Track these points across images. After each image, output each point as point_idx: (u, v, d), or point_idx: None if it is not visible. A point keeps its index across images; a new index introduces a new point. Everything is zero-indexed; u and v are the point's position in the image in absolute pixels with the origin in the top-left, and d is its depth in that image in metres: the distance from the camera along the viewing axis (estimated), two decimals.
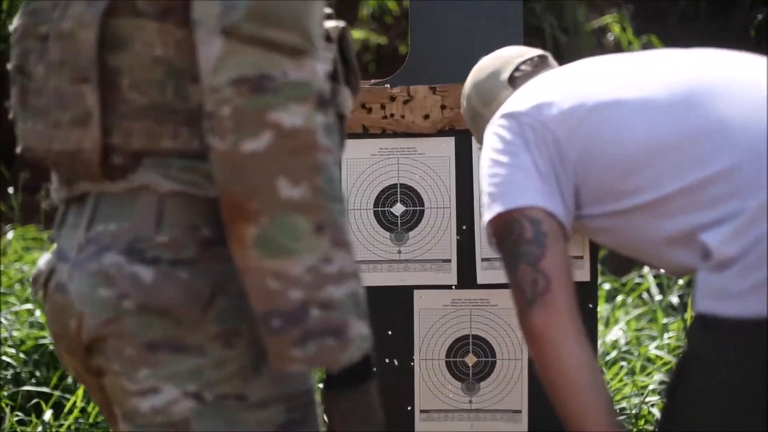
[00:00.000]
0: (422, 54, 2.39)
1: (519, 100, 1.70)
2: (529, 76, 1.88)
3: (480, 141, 1.93)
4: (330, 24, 1.43)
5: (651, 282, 4.19)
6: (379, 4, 6.53)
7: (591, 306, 2.31)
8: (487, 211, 1.65)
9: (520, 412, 2.37)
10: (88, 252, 1.27)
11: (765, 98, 1.48)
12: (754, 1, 6.41)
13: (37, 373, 3.24)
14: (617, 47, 6.20)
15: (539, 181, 1.61)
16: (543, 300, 1.56)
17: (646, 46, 6.08)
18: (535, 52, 1.92)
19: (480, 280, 2.37)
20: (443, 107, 2.34)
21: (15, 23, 1.39)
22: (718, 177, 1.47)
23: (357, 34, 6.41)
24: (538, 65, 1.90)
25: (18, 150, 1.39)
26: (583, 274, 2.31)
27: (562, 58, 5.98)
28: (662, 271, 1.72)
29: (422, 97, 2.34)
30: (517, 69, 1.89)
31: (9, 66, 1.41)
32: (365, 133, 2.38)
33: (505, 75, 1.89)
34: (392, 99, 2.34)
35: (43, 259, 1.42)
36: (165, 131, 1.26)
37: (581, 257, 2.31)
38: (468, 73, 2.08)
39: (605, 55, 1.76)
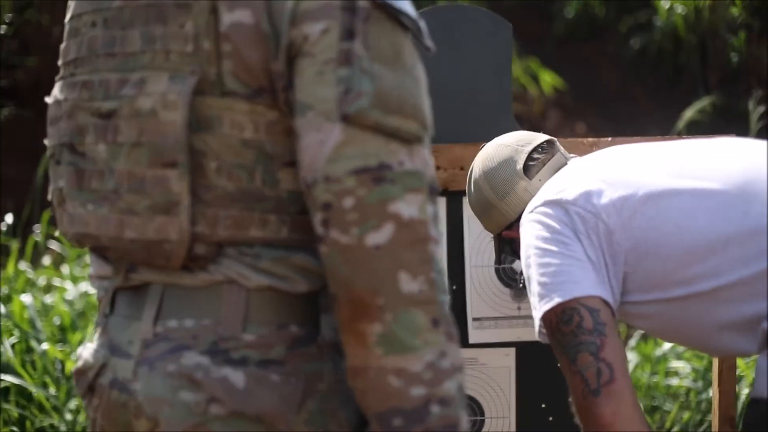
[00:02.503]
0: None
1: (561, 188, 1.71)
2: (542, 164, 1.88)
3: (491, 230, 1.97)
4: None
5: None
6: None
7: None
8: (543, 302, 1.67)
9: None
10: (160, 350, 1.22)
11: None
12: (629, 29, 6.66)
13: None
14: None
15: (592, 271, 1.64)
16: (608, 390, 1.60)
17: (526, 69, 6.19)
18: (541, 137, 1.94)
19: (471, 340, 2.38)
20: (437, 168, 2.30)
21: (56, 96, 1.31)
22: None
23: None
24: (548, 152, 1.91)
25: (65, 234, 1.32)
26: None
27: None
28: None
29: None
30: (529, 158, 1.90)
31: (48, 142, 1.33)
32: None
33: (520, 165, 1.89)
34: None
35: (88, 350, 1.34)
36: (253, 219, 1.22)
37: None
38: (458, 131, 2.07)
39: (633, 143, 1.75)
